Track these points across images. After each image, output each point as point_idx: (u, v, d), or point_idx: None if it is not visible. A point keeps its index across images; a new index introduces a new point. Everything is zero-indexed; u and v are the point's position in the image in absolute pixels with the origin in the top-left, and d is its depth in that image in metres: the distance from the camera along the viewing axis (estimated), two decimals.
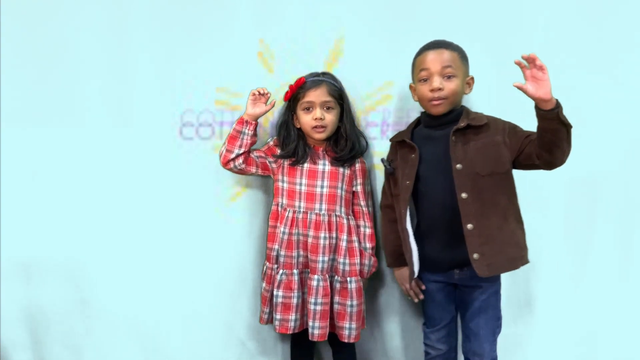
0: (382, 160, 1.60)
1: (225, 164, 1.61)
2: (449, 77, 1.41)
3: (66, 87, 1.66)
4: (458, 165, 1.39)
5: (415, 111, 1.64)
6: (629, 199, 1.71)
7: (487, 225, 1.37)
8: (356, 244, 1.60)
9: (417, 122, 1.56)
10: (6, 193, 1.70)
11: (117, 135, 1.69)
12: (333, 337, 1.62)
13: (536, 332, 1.76)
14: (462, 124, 1.40)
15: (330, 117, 1.57)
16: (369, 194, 1.68)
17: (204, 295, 1.73)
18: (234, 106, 1.67)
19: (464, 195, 1.37)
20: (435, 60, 1.41)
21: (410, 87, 1.53)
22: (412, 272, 1.50)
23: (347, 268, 1.58)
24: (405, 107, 1.67)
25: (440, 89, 1.40)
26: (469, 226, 1.37)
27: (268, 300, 1.61)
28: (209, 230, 1.71)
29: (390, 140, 1.61)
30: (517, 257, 1.42)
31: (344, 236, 1.58)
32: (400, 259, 1.57)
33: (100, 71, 1.66)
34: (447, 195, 1.40)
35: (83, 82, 1.66)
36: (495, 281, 1.48)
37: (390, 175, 1.58)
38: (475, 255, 1.36)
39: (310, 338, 1.56)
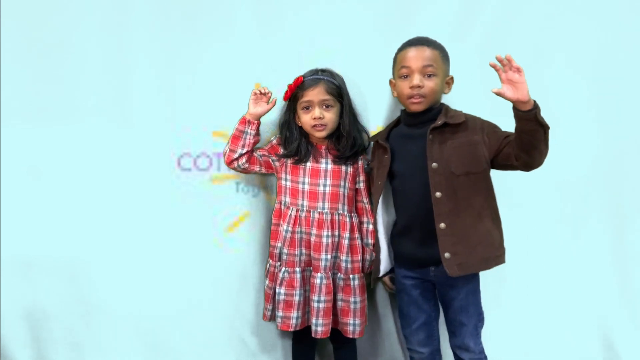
0: (364, 158, 1.62)
1: (229, 163, 1.63)
2: (429, 76, 1.41)
3: (68, 87, 1.68)
4: (434, 164, 1.39)
5: None
6: (613, 199, 1.75)
7: (460, 225, 1.37)
8: (359, 241, 1.60)
9: (397, 122, 1.56)
10: (6, 191, 1.69)
11: (117, 142, 1.70)
12: (334, 334, 1.63)
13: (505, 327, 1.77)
14: (439, 122, 1.40)
15: (329, 116, 1.56)
16: None
17: (205, 292, 1.73)
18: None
19: (438, 194, 1.38)
20: (416, 57, 1.41)
21: (390, 82, 1.53)
22: (377, 269, 1.52)
23: (349, 265, 1.58)
24: None
25: (419, 87, 1.40)
26: (442, 225, 1.37)
27: (271, 298, 1.63)
28: (210, 253, 1.73)
29: (369, 139, 1.63)
30: (491, 257, 1.41)
31: (347, 234, 1.58)
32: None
33: (100, 84, 1.68)
34: (422, 194, 1.40)
35: (83, 85, 1.68)
36: (472, 279, 1.46)
37: (368, 174, 1.61)
38: (447, 255, 1.37)
39: (313, 335, 1.57)
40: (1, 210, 1.71)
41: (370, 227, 1.63)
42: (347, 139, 1.59)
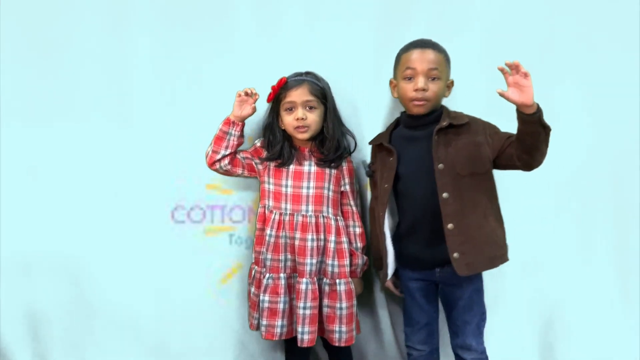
0: (362, 162, 1.59)
1: (211, 164, 1.59)
2: (433, 79, 1.40)
3: (67, 85, 1.68)
4: (440, 165, 1.39)
5: None
6: (617, 198, 1.74)
7: (467, 225, 1.38)
8: (345, 245, 1.56)
9: (397, 123, 1.54)
10: (6, 191, 1.70)
11: (112, 196, 1.71)
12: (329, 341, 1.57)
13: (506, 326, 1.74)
14: (444, 123, 1.40)
15: (312, 117, 1.53)
16: (358, 193, 1.65)
17: (204, 295, 1.72)
18: (224, 190, 1.71)
19: (445, 195, 1.38)
20: (422, 60, 1.40)
21: (391, 82, 1.51)
22: (385, 274, 1.52)
23: (335, 270, 1.54)
24: None
25: (424, 90, 1.39)
26: (450, 226, 1.37)
27: (257, 305, 1.58)
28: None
29: (370, 143, 1.59)
30: (497, 256, 1.44)
31: (332, 237, 1.55)
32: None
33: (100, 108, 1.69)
34: (428, 195, 1.40)
35: (83, 84, 1.68)
36: (476, 279, 1.47)
37: (369, 177, 1.58)
38: (455, 255, 1.37)
39: (299, 344, 1.52)
40: (1, 211, 1.71)
41: (358, 230, 1.61)
42: (331, 142, 1.56)
